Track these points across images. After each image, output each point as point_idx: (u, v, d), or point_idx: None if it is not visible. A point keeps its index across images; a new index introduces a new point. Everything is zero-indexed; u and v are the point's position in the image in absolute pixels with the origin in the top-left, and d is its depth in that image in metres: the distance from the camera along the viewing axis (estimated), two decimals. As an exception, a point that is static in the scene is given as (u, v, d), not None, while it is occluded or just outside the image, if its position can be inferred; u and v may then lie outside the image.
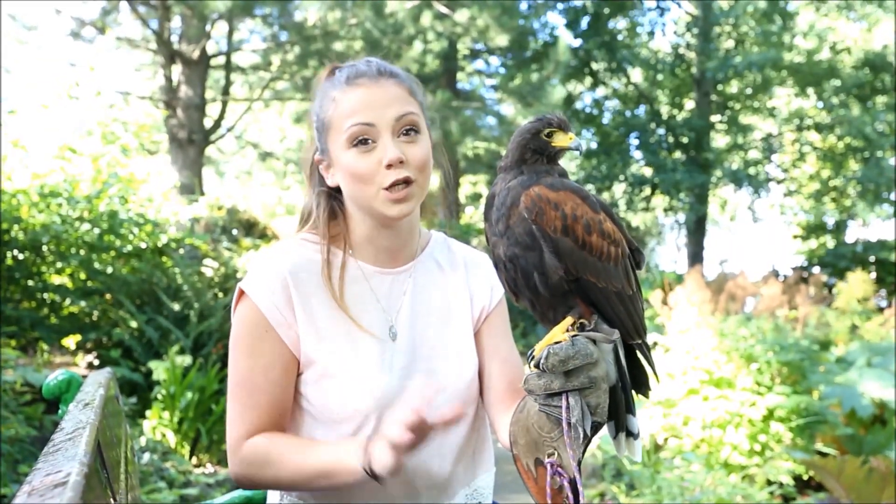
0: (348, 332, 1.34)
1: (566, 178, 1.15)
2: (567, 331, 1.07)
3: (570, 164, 20.11)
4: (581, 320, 1.09)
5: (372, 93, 1.32)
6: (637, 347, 1.14)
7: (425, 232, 1.53)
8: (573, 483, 1.02)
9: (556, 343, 1.02)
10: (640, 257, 1.17)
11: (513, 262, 1.09)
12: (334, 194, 1.41)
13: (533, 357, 1.05)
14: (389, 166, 1.28)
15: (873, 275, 11.85)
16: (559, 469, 1.02)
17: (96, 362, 6.04)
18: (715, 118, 18.18)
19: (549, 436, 1.04)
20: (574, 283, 1.07)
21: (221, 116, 12.41)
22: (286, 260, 1.34)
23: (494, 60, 16.04)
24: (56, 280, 6.20)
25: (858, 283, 9.62)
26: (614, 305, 1.10)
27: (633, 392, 1.16)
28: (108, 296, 6.25)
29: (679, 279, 10.56)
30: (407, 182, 1.29)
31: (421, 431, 1.11)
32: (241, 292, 1.34)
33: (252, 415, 1.31)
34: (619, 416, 1.12)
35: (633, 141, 17.98)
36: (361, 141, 1.29)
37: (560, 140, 1.14)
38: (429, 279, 1.46)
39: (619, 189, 18.39)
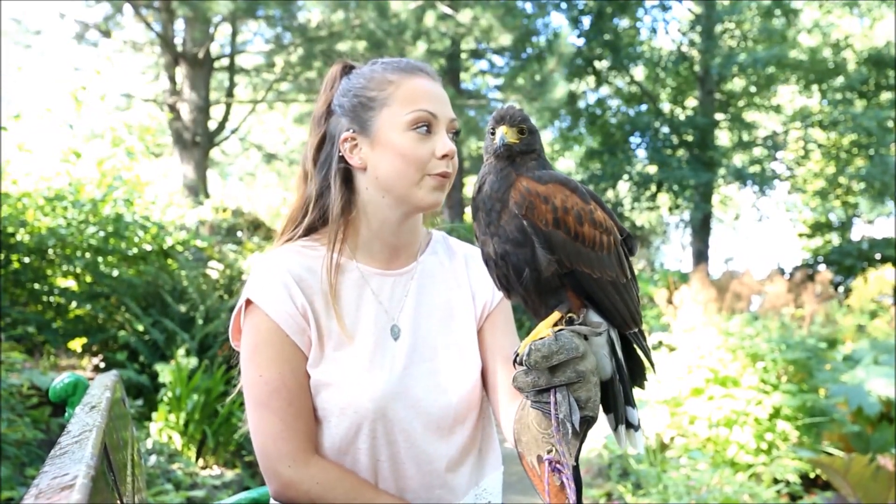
0: (348, 335, 1.35)
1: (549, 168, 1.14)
2: (554, 325, 1.05)
3: (571, 164, 20.14)
4: (570, 314, 1.08)
5: (435, 87, 1.39)
6: (632, 337, 1.13)
7: (426, 231, 1.54)
8: (573, 478, 1.01)
9: (540, 339, 1.01)
10: (632, 244, 1.15)
11: (504, 258, 1.08)
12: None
13: (517, 354, 1.04)
14: (444, 156, 1.34)
15: (876, 274, 11.75)
16: (558, 466, 1.01)
17: (102, 365, 6.05)
18: (719, 116, 18.11)
19: (546, 432, 1.03)
20: (568, 275, 1.07)
21: (225, 118, 12.45)
22: (288, 267, 1.36)
23: (498, 60, 16.02)
24: (62, 283, 6.22)
25: (878, 281, 9.54)
26: (609, 295, 1.08)
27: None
28: (113, 298, 6.26)
29: (684, 278, 10.54)
30: (446, 176, 1.36)
31: None
32: (249, 303, 1.34)
33: (301, 424, 1.31)
34: (617, 408, 1.11)
35: (637, 139, 17.94)
36: (424, 127, 1.34)
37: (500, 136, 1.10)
38: (432, 279, 1.47)
39: (623, 187, 18.35)
